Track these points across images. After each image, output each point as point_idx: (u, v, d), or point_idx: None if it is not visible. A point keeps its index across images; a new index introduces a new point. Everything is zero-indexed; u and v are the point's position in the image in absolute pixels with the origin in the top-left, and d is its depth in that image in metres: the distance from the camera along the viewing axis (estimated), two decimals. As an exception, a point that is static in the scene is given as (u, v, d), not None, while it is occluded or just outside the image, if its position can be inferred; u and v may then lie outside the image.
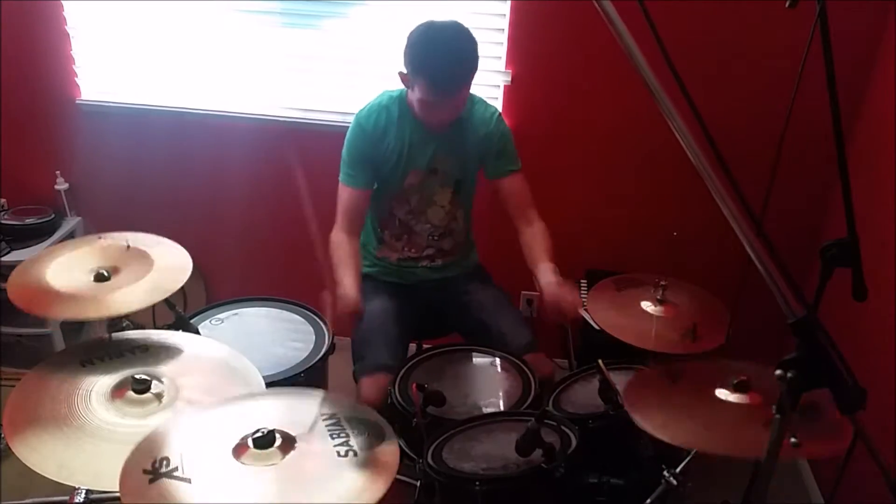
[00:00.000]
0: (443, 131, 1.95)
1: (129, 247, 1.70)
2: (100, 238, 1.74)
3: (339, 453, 1.14)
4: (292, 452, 1.14)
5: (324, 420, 1.22)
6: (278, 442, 1.14)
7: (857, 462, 1.43)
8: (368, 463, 1.13)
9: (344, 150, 2.00)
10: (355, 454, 1.14)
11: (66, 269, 1.61)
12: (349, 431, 1.19)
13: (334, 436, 1.18)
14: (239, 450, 1.14)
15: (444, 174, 2.03)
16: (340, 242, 1.98)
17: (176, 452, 1.12)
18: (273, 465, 1.12)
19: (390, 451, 1.17)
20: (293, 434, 1.17)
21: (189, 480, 1.07)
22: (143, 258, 1.68)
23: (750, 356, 1.60)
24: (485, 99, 2.09)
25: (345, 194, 2.00)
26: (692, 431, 1.35)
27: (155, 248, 1.72)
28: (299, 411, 1.25)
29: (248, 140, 2.67)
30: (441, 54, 1.79)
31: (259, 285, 2.68)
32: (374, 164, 1.99)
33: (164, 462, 1.10)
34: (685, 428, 1.36)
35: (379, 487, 1.09)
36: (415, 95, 1.85)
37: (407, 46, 1.82)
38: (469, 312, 2.10)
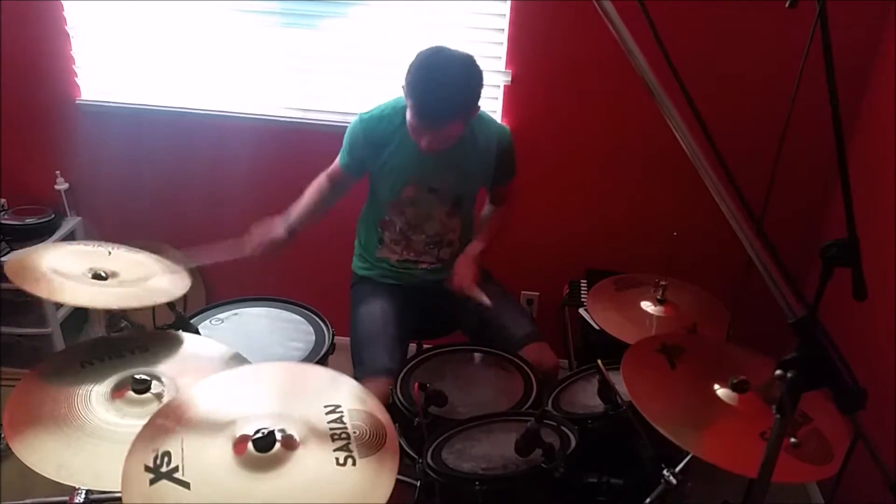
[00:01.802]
0: (430, 153, 1.91)
1: (110, 253, 1.71)
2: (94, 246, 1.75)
3: (338, 461, 1.13)
4: (290, 459, 1.13)
5: (327, 413, 1.21)
6: (277, 446, 1.13)
7: (857, 462, 1.43)
8: (367, 471, 1.12)
9: (346, 134, 2.03)
10: (354, 462, 1.13)
11: (65, 260, 1.62)
12: (350, 433, 1.19)
13: (335, 437, 1.17)
14: (238, 448, 1.13)
15: (443, 193, 2.04)
16: (318, 180, 2.08)
17: (177, 447, 1.12)
18: (271, 471, 1.11)
19: (390, 458, 1.15)
20: (294, 435, 1.17)
21: (188, 486, 1.06)
22: (143, 267, 1.69)
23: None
24: (489, 114, 2.09)
25: (334, 166, 2.07)
26: (689, 432, 1.35)
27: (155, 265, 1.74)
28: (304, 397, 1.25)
29: (248, 140, 2.67)
30: (433, 84, 1.75)
31: (259, 285, 2.68)
32: (367, 167, 2.02)
33: (166, 459, 1.10)
34: (682, 425, 1.36)
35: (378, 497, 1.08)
36: (407, 114, 1.84)
37: (410, 64, 1.79)
38: (469, 308, 2.09)
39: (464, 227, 2.16)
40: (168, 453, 1.10)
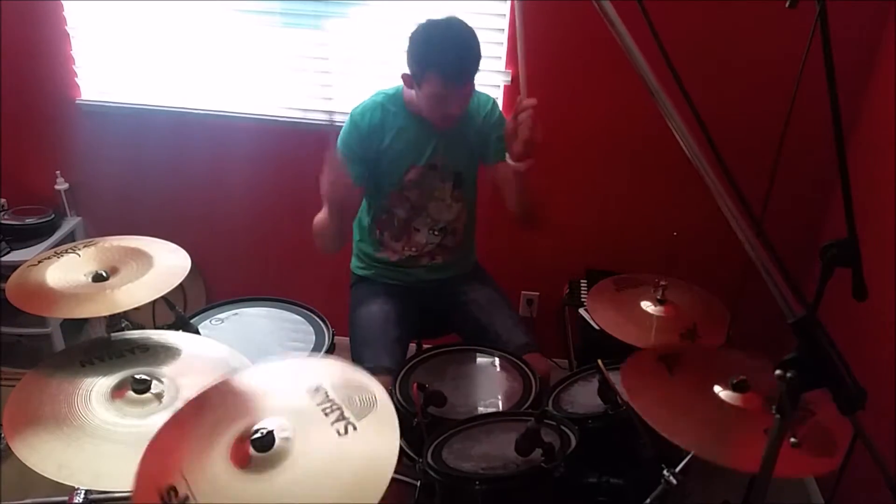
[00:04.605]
0: (448, 127, 1.94)
1: (79, 255, 1.67)
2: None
3: (339, 432, 1.12)
4: (294, 448, 1.12)
5: (311, 396, 1.20)
6: (278, 443, 1.12)
7: (857, 462, 1.43)
8: (370, 431, 1.12)
9: (338, 148, 1.99)
10: (355, 427, 1.12)
11: (58, 273, 1.60)
12: (340, 403, 1.17)
13: (328, 412, 1.16)
14: (238, 460, 1.11)
15: (443, 168, 2.03)
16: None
17: (179, 478, 1.08)
18: (280, 465, 1.10)
19: (387, 413, 1.15)
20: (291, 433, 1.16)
21: None
22: (142, 257, 1.68)
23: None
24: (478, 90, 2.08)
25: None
26: (692, 433, 1.35)
27: (152, 247, 1.72)
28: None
29: (248, 140, 2.67)
30: (449, 46, 1.79)
31: (259, 285, 2.68)
32: (369, 162, 1.99)
33: (173, 493, 1.06)
34: (684, 427, 1.36)
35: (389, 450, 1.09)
36: (423, 93, 1.84)
37: (411, 46, 1.81)
38: (466, 313, 2.10)
39: (468, 211, 2.15)
40: (173, 487, 1.08)
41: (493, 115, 2.06)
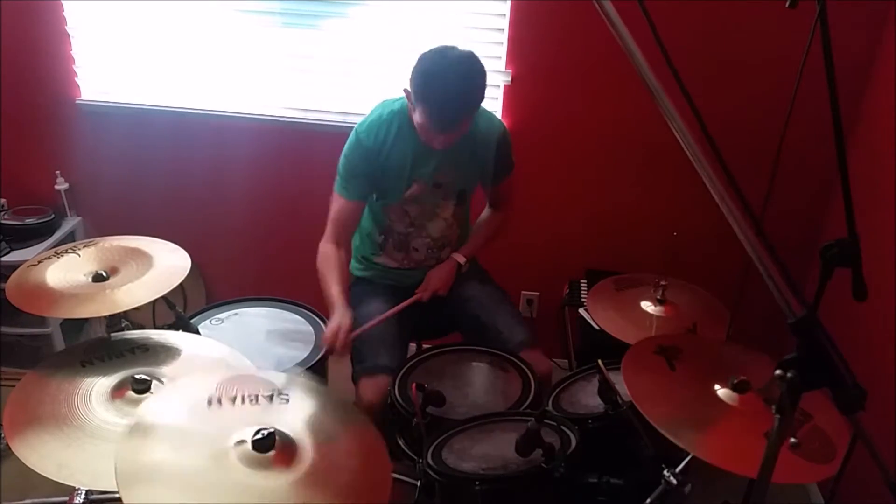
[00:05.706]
0: (439, 150, 1.92)
1: (79, 255, 1.68)
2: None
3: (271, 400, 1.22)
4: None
5: (222, 407, 1.22)
6: (273, 452, 1.13)
7: (857, 462, 1.43)
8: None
9: (341, 162, 1.98)
10: (281, 391, 1.23)
11: (58, 273, 1.60)
12: (247, 391, 1.25)
13: (253, 401, 1.23)
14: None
15: (447, 187, 2.03)
16: (327, 254, 1.97)
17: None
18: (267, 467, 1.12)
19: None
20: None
21: None
22: (142, 257, 1.68)
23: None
24: (488, 109, 2.07)
25: (337, 204, 2.00)
26: (691, 434, 1.35)
27: (152, 247, 1.73)
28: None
29: (248, 140, 2.67)
30: (447, 90, 1.74)
31: (259, 285, 2.68)
32: (372, 178, 1.97)
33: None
34: (684, 426, 1.36)
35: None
36: (415, 117, 1.83)
37: (415, 69, 1.77)
38: (466, 310, 2.10)
39: (462, 225, 2.16)
40: None
41: (502, 143, 2.04)
